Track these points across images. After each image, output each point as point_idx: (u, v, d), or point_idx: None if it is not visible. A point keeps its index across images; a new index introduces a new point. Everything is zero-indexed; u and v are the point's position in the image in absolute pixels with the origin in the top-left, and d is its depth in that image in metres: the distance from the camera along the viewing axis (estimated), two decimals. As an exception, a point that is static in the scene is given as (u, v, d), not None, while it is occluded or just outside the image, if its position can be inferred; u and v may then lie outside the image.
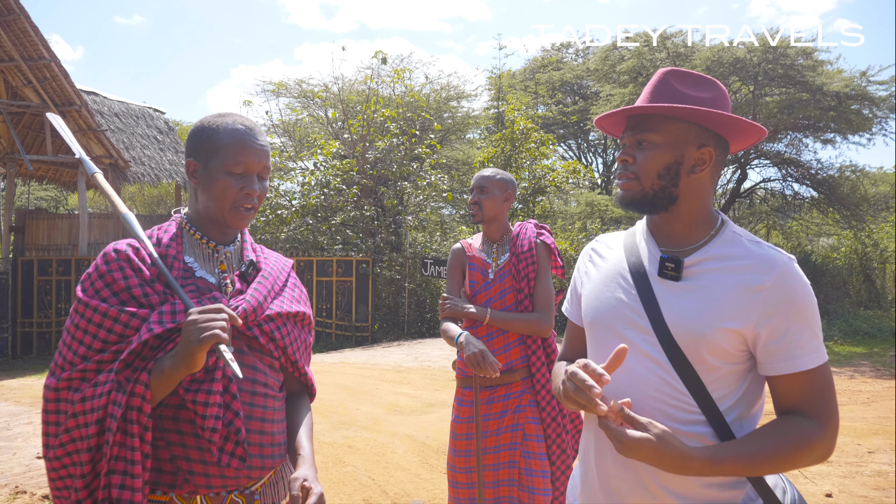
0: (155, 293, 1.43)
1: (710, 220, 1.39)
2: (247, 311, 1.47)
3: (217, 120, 1.53)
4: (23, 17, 12.26)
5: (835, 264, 15.91)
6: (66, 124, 9.53)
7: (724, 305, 1.27)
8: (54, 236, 15.33)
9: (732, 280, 1.28)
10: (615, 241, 1.52)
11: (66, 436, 1.35)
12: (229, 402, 1.42)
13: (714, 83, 1.38)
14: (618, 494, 1.36)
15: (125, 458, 1.32)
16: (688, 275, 1.33)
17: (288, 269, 1.70)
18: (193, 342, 1.29)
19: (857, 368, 9.74)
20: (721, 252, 1.33)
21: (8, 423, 6.34)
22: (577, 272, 1.58)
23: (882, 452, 5.20)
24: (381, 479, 4.69)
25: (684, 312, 1.30)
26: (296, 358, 1.61)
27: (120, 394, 1.32)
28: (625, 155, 1.39)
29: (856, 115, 14.35)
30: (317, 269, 14.18)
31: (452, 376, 8.85)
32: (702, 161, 1.36)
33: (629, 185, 1.38)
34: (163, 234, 1.53)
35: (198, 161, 1.51)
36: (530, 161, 14.89)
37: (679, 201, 1.36)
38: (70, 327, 1.41)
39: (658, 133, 1.35)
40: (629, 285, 1.39)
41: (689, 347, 1.28)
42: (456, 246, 2.95)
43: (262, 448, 1.49)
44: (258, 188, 1.52)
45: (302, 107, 19.93)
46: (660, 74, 1.39)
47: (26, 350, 13.85)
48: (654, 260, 1.38)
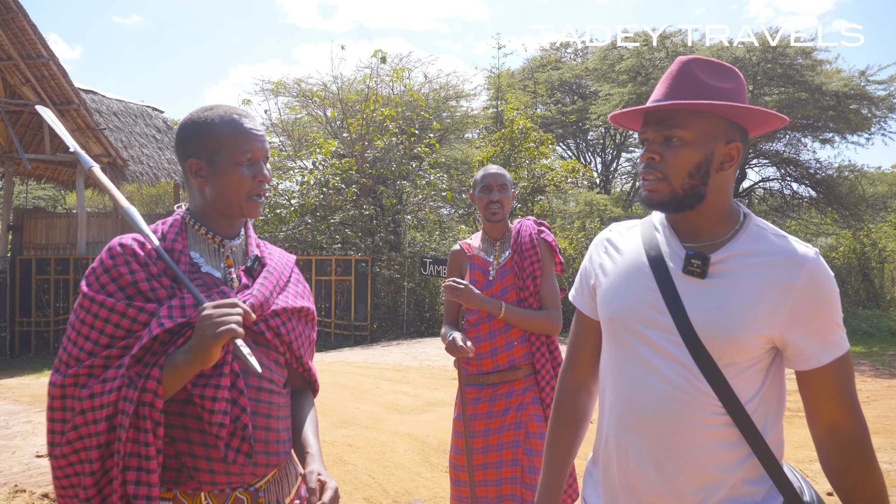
0: (162, 287, 1.41)
1: (733, 214, 1.35)
2: (254, 305, 1.46)
3: (208, 114, 1.51)
4: (21, 16, 12.23)
5: (833, 264, 15.92)
6: (64, 123, 9.45)
7: (753, 306, 1.23)
8: (52, 235, 15.29)
9: (761, 279, 1.24)
10: (632, 233, 1.44)
11: (73, 433, 1.33)
12: (236, 398, 1.41)
13: (734, 71, 1.32)
14: (640, 494, 1.33)
15: (139, 454, 1.31)
16: (713, 272, 1.28)
17: (291, 265, 1.70)
18: (209, 337, 1.28)
19: (857, 368, 9.74)
20: (747, 248, 1.28)
21: (7, 421, 6.32)
22: (589, 263, 1.51)
23: (883, 451, 5.21)
24: (381, 478, 4.69)
25: (711, 313, 1.25)
26: (301, 353, 1.60)
27: (131, 389, 1.30)
28: (650, 153, 1.30)
29: (855, 114, 14.37)
30: (316, 269, 14.16)
31: (452, 375, 8.84)
32: (730, 157, 1.30)
33: (658, 186, 1.30)
34: (167, 228, 1.52)
35: (200, 159, 1.49)
36: (529, 160, 14.89)
37: (706, 199, 1.30)
38: (75, 323, 1.39)
39: (688, 129, 1.27)
40: (652, 282, 1.32)
41: (716, 348, 1.25)
42: (454, 248, 2.94)
43: (268, 445, 1.48)
44: (267, 172, 1.53)
45: (301, 106, 19.89)
46: (681, 63, 1.31)
47: (24, 349, 13.82)
48: (676, 256, 1.32)
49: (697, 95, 1.26)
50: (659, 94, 1.31)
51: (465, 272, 2.85)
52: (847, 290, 15.55)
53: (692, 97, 1.26)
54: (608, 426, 1.40)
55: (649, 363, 1.30)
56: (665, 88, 1.30)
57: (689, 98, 1.26)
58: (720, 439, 1.27)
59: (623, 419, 1.35)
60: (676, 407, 1.27)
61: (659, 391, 1.29)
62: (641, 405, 1.31)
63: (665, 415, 1.28)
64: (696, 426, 1.26)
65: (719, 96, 1.27)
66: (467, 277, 2.81)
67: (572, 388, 1.56)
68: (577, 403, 1.54)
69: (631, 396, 1.33)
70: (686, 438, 1.27)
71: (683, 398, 1.27)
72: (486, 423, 2.68)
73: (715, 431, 1.27)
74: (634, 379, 1.32)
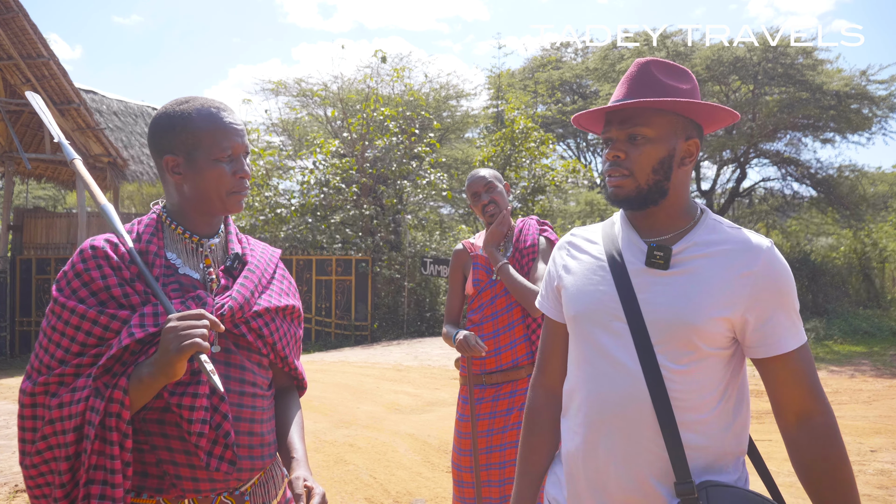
0: (136, 293, 1.35)
1: (691, 209, 1.41)
2: (233, 308, 1.40)
3: (184, 107, 1.43)
4: (21, 15, 12.21)
5: (834, 263, 15.92)
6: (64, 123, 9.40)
7: (716, 291, 1.28)
8: (53, 235, 15.29)
9: (720, 266, 1.30)
10: (593, 234, 1.50)
11: (42, 443, 1.28)
12: (217, 405, 1.36)
13: (688, 73, 1.39)
14: (608, 491, 1.33)
15: (104, 467, 1.26)
16: (675, 262, 1.33)
17: (276, 261, 1.62)
18: (172, 351, 1.22)
19: (858, 367, 9.73)
20: (705, 239, 1.34)
21: (7, 421, 6.31)
22: (553, 267, 1.54)
23: (884, 451, 5.20)
24: (382, 478, 4.68)
25: (677, 301, 1.29)
26: (285, 353, 1.54)
27: (98, 400, 1.25)
28: (616, 151, 1.36)
29: (855, 114, 14.37)
30: (316, 268, 14.16)
31: (453, 375, 8.83)
32: (689, 153, 1.37)
33: (624, 182, 1.35)
34: (143, 227, 1.45)
35: (177, 155, 1.41)
36: (530, 160, 14.90)
37: (668, 194, 1.36)
38: (47, 329, 1.34)
39: (651, 127, 1.33)
40: (613, 277, 1.37)
41: (681, 336, 1.28)
42: (457, 247, 2.93)
43: (252, 449, 1.43)
44: (247, 168, 1.47)
45: (301, 106, 19.87)
46: (640, 65, 1.37)
47: (24, 349, 13.83)
48: (637, 251, 1.37)
49: (658, 94, 1.32)
50: (620, 94, 1.37)
51: (468, 271, 2.85)
52: (848, 289, 15.55)
53: (654, 96, 1.32)
54: (576, 423, 1.40)
55: (615, 358, 1.33)
56: (626, 89, 1.36)
57: (651, 97, 1.32)
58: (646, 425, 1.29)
59: (592, 415, 1.35)
60: (642, 401, 1.30)
61: (625, 386, 1.31)
62: (610, 400, 1.33)
63: (632, 410, 1.30)
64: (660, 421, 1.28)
65: (678, 95, 1.33)
66: (471, 277, 2.81)
67: (544, 395, 1.55)
68: (551, 411, 1.54)
69: (598, 392, 1.35)
70: (654, 432, 1.29)
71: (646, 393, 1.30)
72: (490, 422, 2.67)
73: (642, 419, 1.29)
74: (602, 375, 1.35)
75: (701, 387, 1.29)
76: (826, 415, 1.29)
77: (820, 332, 12.51)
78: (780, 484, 4.54)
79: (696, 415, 1.29)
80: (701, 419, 1.29)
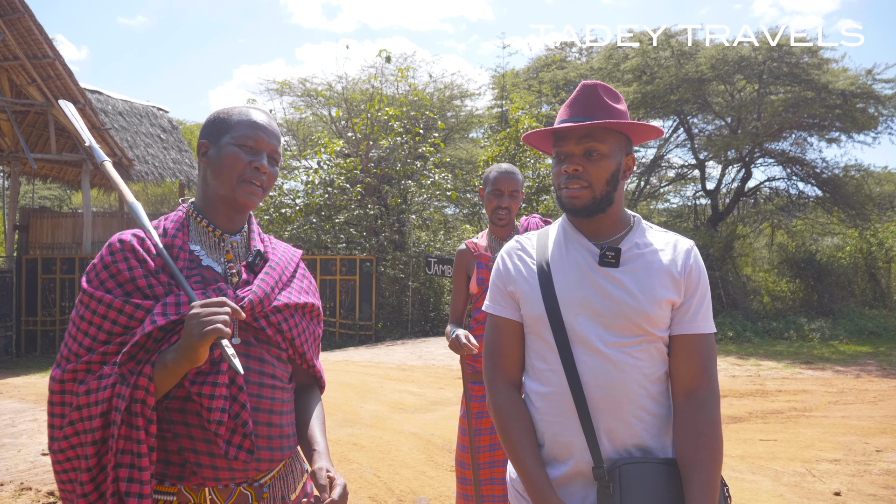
0: (160, 284, 1.41)
1: (626, 216, 1.61)
2: (253, 302, 1.45)
3: (231, 108, 1.57)
4: (27, 16, 12.28)
5: (840, 263, 15.84)
6: (68, 123, 9.40)
7: (660, 279, 1.50)
8: (58, 235, 15.35)
9: (658, 260, 1.52)
10: (540, 241, 1.64)
11: (70, 428, 1.33)
12: (236, 394, 1.40)
13: (620, 95, 1.59)
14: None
15: (131, 451, 1.30)
16: (623, 260, 1.53)
17: (296, 260, 1.68)
18: (195, 336, 1.27)
19: (863, 367, 9.69)
20: (642, 240, 1.56)
21: (13, 419, 6.34)
22: (504, 271, 1.63)
23: (890, 451, 5.17)
24: (386, 477, 4.69)
25: (631, 292, 1.49)
26: (304, 350, 1.59)
27: (124, 386, 1.30)
28: (574, 164, 1.52)
29: (861, 113, 14.29)
30: (320, 268, 14.18)
31: (456, 375, 8.84)
32: (629, 167, 1.57)
33: (582, 194, 1.52)
34: (169, 223, 1.52)
35: (209, 142, 1.52)
36: (534, 160, 14.88)
37: (614, 203, 1.55)
38: (76, 318, 1.40)
39: (605, 144, 1.51)
40: (578, 274, 1.53)
41: (638, 321, 1.47)
42: (461, 247, 2.93)
43: (271, 440, 1.47)
44: (268, 167, 1.52)
45: (305, 106, 19.92)
46: (587, 88, 1.53)
47: (30, 348, 13.89)
48: (588, 252, 1.54)
49: (608, 115, 1.51)
50: (574, 113, 1.53)
51: (471, 271, 2.85)
52: (853, 289, 15.48)
53: (605, 117, 1.51)
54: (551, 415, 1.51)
55: (594, 346, 1.47)
56: (580, 108, 1.53)
57: (603, 118, 1.50)
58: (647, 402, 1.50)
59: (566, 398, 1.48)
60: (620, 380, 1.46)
61: (606, 371, 1.46)
62: (597, 386, 1.47)
63: (612, 390, 1.46)
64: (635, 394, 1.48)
65: (621, 116, 1.53)
66: (474, 276, 2.81)
67: (506, 387, 1.60)
68: (518, 399, 1.59)
69: (584, 381, 1.47)
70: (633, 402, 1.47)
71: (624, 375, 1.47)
72: (492, 421, 2.67)
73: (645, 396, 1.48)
74: (581, 363, 1.48)
75: (648, 366, 1.48)
76: (710, 391, 1.49)
77: (826, 332, 12.46)
78: (784, 484, 4.53)
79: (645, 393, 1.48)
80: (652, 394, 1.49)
